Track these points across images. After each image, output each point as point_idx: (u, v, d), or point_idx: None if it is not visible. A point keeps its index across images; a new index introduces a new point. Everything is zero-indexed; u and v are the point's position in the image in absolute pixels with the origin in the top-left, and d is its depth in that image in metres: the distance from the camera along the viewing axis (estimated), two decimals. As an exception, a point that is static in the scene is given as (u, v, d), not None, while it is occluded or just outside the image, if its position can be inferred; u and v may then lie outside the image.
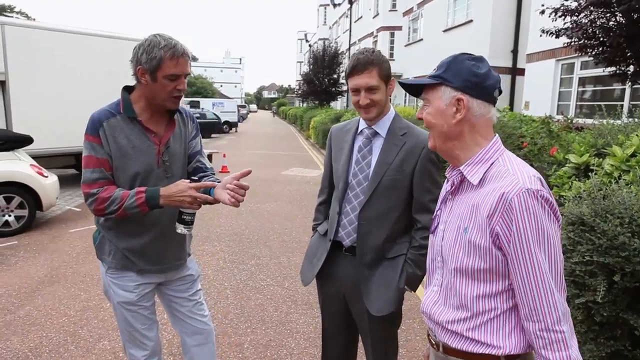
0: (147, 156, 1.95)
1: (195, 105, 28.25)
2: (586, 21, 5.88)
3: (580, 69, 9.97)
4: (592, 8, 5.75)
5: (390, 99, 2.06)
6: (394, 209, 1.95)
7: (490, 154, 1.26)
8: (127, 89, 1.99)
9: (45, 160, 7.81)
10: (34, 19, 27.21)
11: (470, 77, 1.24)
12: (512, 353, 1.24)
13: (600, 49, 5.99)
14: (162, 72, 1.83)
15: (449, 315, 1.34)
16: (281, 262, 5.20)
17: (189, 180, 1.91)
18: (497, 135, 1.30)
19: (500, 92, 1.29)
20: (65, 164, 9.22)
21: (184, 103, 2.13)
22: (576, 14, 6.01)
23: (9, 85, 7.72)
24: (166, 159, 2.00)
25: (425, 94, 1.32)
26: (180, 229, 1.92)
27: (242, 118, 40.67)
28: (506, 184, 1.17)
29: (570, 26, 6.10)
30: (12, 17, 20.62)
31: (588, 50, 6.21)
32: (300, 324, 3.73)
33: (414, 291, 2.04)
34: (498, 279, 1.24)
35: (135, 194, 1.86)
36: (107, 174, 1.90)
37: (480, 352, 1.27)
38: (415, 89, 1.37)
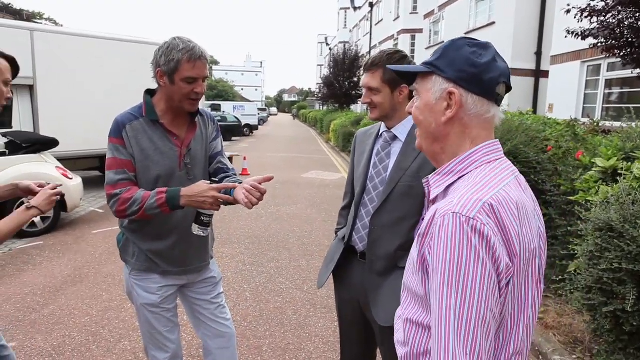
0: (169, 159, 1.96)
1: (216, 108, 28.57)
2: (614, 21, 5.74)
3: (607, 71, 9.74)
4: (620, 8, 5.61)
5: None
6: (409, 216, 1.86)
7: (463, 165, 1.03)
8: (150, 92, 2.01)
9: (71, 162, 7.98)
10: (61, 25, 27.92)
11: (466, 67, 1.01)
12: None
13: (629, 49, 5.84)
14: (179, 74, 1.84)
15: (400, 350, 1.13)
16: (300, 265, 5.19)
17: (209, 182, 1.90)
18: (490, 141, 1.05)
19: (509, 89, 1.06)
20: (89, 166, 9.40)
21: (205, 106, 2.14)
22: (603, 14, 5.87)
23: (37, 89, 7.94)
24: (188, 162, 2.01)
25: (417, 83, 1.11)
26: (197, 230, 1.91)
27: (263, 121, 40.99)
28: (445, 203, 0.96)
29: (597, 27, 5.96)
30: (41, 23, 21.20)
31: (615, 51, 6.06)
32: (319, 328, 3.71)
33: None
34: (427, 311, 1.02)
35: (156, 195, 1.87)
36: (130, 174, 1.92)
37: None
38: (409, 77, 1.15)
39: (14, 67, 1.79)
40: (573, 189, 3.85)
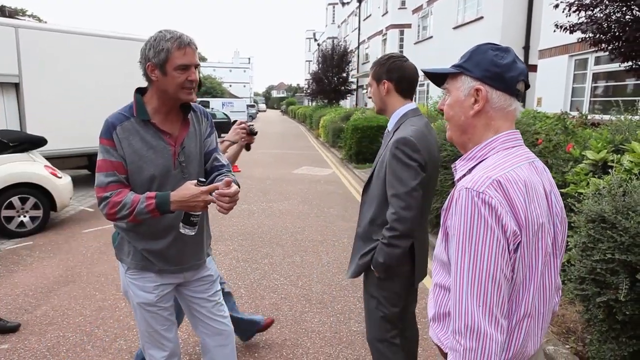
0: (163, 158, 1.94)
1: (205, 105, 28.37)
2: (601, 15, 5.79)
3: (594, 65, 9.84)
4: (607, 2, 5.67)
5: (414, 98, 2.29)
6: (377, 196, 2.13)
7: (484, 151, 1.20)
8: (140, 91, 1.98)
9: (59, 161, 7.89)
10: (45, 22, 27.49)
11: (490, 67, 1.19)
12: None
13: (616, 43, 5.90)
14: (171, 64, 1.82)
15: (430, 311, 1.31)
16: (294, 261, 5.19)
17: (195, 182, 1.86)
18: (509, 131, 1.21)
19: (528, 86, 1.24)
20: (78, 165, 9.30)
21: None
22: (591, 8, 5.92)
23: (22, 87, 7.81)
24: (182, 160, 1.99)
25: (447, 83, 1.29)
26: (186, 230, 1.89)
27: (252, 117, 40.82)
28: (462, 182, 1.13)
29: (585, 21, 6.01)
30: (24, 20, 20.86)
31: (603, 45, 6.12)
32: (315, 323, 3.72)
33: (380, 277, 2.16)
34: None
35: (146, 200, 1.84)
36: (121, 177, 1.89)
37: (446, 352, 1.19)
38: (438, 79, 1.33)
39: None
40: (564, 181, 3.90)
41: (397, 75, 2.13)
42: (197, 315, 2.24)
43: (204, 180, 1.89)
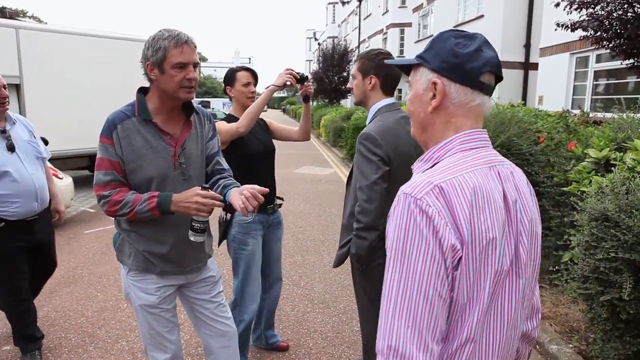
0: (162, 159, 1.93)
1: (205, 105, 28.45)
2: (603, 13, 5.78)
3: (595, 63, 9.83)
4: (608, 0, 5.66)
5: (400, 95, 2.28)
6: (354, 189, 2.16)
7: (439, 153, 1.06)
8: (143, 91, 1.98)
9: (60, 162, 7.88)
10: (45, 23, 27.52)
11: (448, 58, 1.04)
12: None
13: (618, 41, 5.89)
14: (168, 62, 1.82)
15: None
16: (296, 261, 5.18)
17: (199, 188, 1.87)
18: (470, 130, 1.06)
19: (500, 79, 1.08)
20: (79, 166, 9.29)
21: (194, 103, 2.12)
22: (592, 5, 5.91)
23: (23, 88, 7.80)
24: (182, 161, 1.98)
25: (410, 75, 1.15)
26: (193, 236, 1.89)
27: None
28: (404, 186, 1.00)
29: (587, 18, 6.00)
30: (24, 21, 20.88)
31: (605, 42, 6.11)
32: (318, 323, 3.71)
33: (356, 265, 2.20)
34: None
35: (148, 198, 1.85)
36: (119, 176, 1.89)
37: None
38: (406, 70, 1.19)
39: None
40: (566, 180, 3.88)
41: (385, 72, 2.16)
42: (199, 317, 2.23)
43: (208, 186, 1.90)
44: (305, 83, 2.76)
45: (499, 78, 1.08)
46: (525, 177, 1.14)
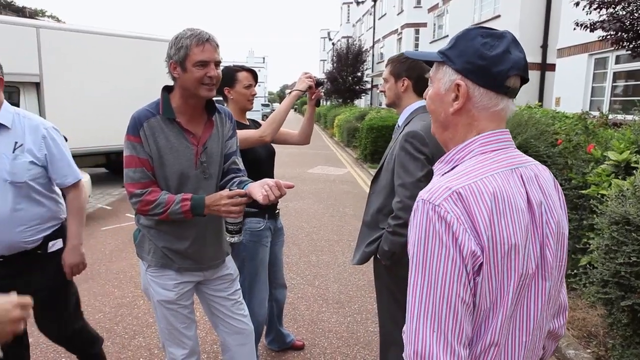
0: (185, 157, 1.96)
1: (220, 104, 28.51)
2: (624, 13, 5.69)
3: (615, 64, 9.67)
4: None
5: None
6: (385, 187, 2.21)
7: (460, 155, 1.04)
8: (167, 89, 2.01)
9: (78, 159, 7.94)
10: (63, 22, 27.94)
11: (474, 59, 0.99)
12: None
13: (639, 41, 5.79)
14: (190, 60, 1.85)
15: None
16: (310, 260, 5.20)
17: (226, 190, 1.92)
18: (491, 131, 1.03)
19: (526, 81, 1.05)
20: (96, 163, 9.40)
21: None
22: (613, 5, 5.82)
23: (43, 86, 7.94)
24: (204, 160, 2.01)
25: (431, 71, 1.11)
26: (228, 238, 1.95)
27: (266, 117, 40.96)
28: (422, 192, 1.00)
29: (607, 18, 5.91)
30: (44, 20, 21.20)
31: (625, 43, 6.01)
32: (332, 323, 3.72)
33: (385, 264, 2.19)
34: None
35: (181, 201, 1.88)
36: (149, 173, 1.92)
37: None
38: (428, 64, 1.16)
39: None
40: (585, 182, 3.83)
41: (417, 74, 2.23)
42: (217, 314, 2.25)
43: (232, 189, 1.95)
44: (321, 88, 2.81)
45: (524, 80, 1.05)
46: (552, 178, 1.11)
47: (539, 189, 1.03)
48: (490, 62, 0.99)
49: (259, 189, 1.83)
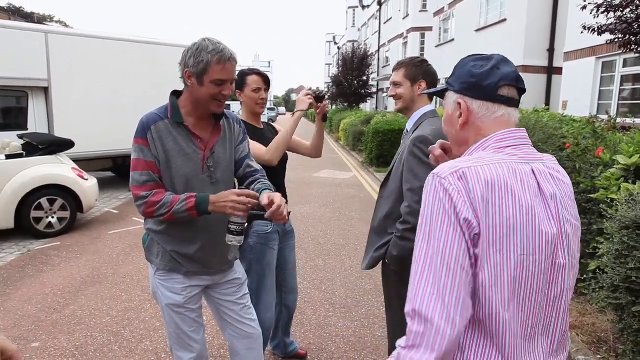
0: (192, 161, 1.96)
1: (226, 108, 28.59)
2: (632, 16, 5.66)
3: (622, 67, 9.62)
4: (638, 2, 5.54)
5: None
6: (394, 192, 2.22)
7: (470, 150, 1.18)
8: (175, 94, 2.02)
9: (85, 163, 8.05)
10: (71, 27, 28.18)
11: (467, 79, 1.18)
12: None
13: (647, 45, 5.77)
14: (209, 76, 1.85)
15: None
16: (317, 265, 5.19)
17: (237, 187, 1.91)
18: (506, 130, 1.15)
19: (523, 90, 1.18)
20: (103, 167, 9.46)
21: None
22: (621, 9, 5.79)
23: (51, 91, 8.01)
24: (211, 164, 2.01)
25: (443, 101, 1.30)
26: (229, 239, 1.88)
27: (272, 121, 41.08)
28: (435, 169, 1.13)
29: (615, 21, 5.88)
30: (52, 25, 21.41)
31: (633, 46, 5.98)
32: (340, 328, 3.70)
33: (395, 269, 2.20)
34: None
35: (186, 199, 1.88)
36: (155, 176, 1.93)
37: None
38: (441, 96, 1.34)
39: None
40: (593, 186, 3.81)
41: (431, 79, 2.26)
42: (225, 319, 2.24)
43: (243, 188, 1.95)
44: (323, 102, 2.76)
45: (522, 90, 1.18)
46: (568, 180, 1.20)
47: (552, 183, 1.13)
48: (479, 78, 1.16)
49: (266, 200, 1.84)
